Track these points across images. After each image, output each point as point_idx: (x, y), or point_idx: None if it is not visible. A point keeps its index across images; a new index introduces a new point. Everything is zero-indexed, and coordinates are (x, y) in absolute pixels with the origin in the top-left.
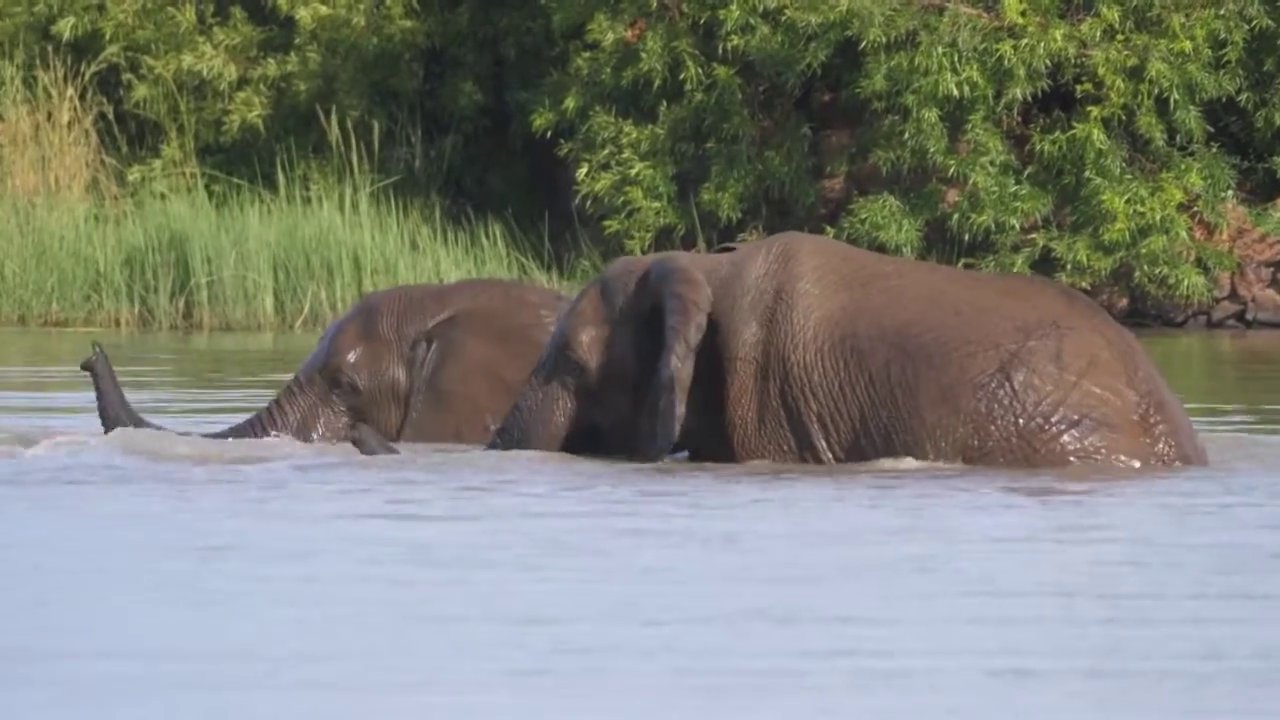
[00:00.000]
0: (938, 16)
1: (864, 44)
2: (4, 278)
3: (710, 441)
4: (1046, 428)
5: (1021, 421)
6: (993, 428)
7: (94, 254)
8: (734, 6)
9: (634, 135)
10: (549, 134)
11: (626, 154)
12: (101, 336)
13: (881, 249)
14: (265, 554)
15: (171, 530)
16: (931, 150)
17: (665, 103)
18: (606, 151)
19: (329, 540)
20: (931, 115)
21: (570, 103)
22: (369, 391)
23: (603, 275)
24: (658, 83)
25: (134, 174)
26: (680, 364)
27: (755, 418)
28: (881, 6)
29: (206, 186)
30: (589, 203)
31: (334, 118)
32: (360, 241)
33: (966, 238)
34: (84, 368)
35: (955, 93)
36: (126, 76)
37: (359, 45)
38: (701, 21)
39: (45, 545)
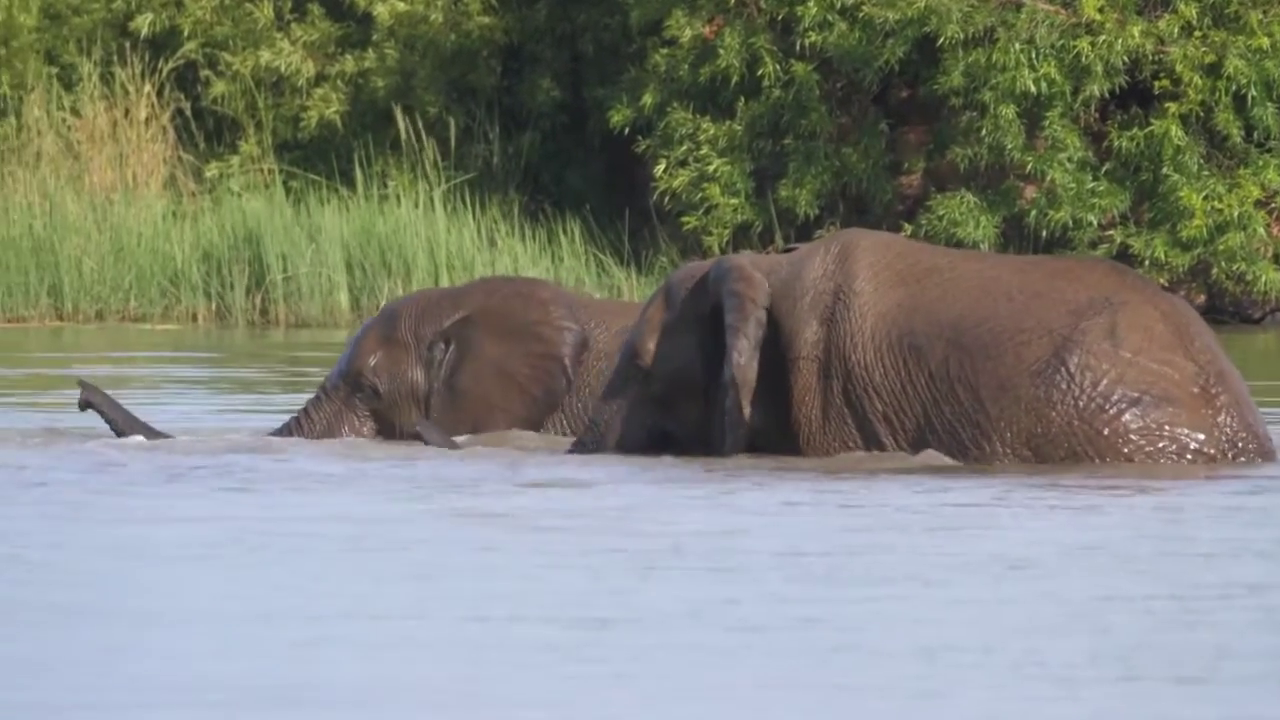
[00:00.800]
0: (1015, 13)
1: (942, 40)
2: (82, 274)
3: (777, 441)
4: (1107, 408)
5: (1082, 404)
6: (1054, 413)
7: (171, 250)
8: (812, 3)
9: (712, 132)
10: (627, 130)
11: (704, 150)
12: (178, 333)
13: (959, 246)
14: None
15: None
16: (1009, 147)
17: (743, 99)
18: (684, 148)
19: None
20: (1009, 111)
21: (648, 99)
22: (389, 394)
23: (666, 282)
24: (735, 79)
25: (211, 170)
26: (742, 361)
27: (820, 416)
28: (959, 3)
29: (284, 183)
30: (667, 199)
31: (411, 114)
32: (436, 238)
33: (1044, 234)
34: (83, 408)
35: (1033, 89)
36: (204, 73)
37: (437, 41)
38: (779, 18)
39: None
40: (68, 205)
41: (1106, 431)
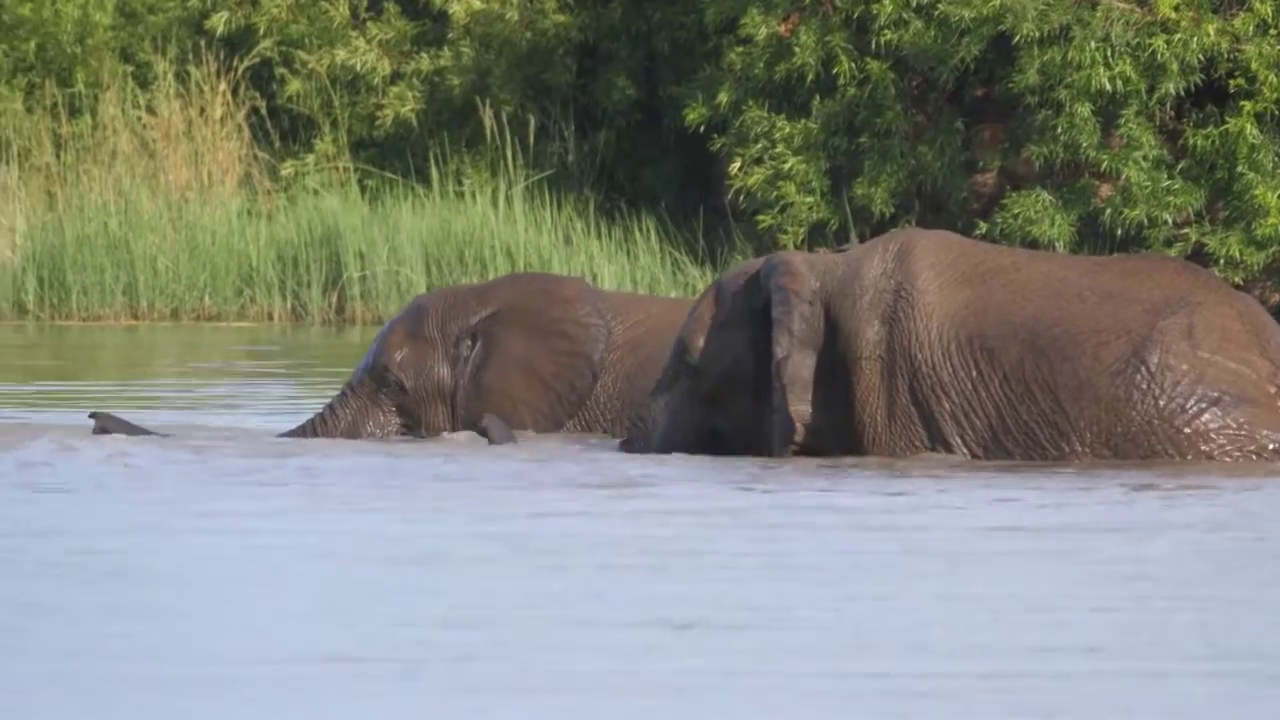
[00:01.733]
0: (1091, 11)
1: (1017, 38)
2: (157, 272)
3: (839, 441)
4: (1187, 407)
5: (1162, 403)
6: (1134, 413)
7: (246, 249)
8: (887, 1)
9: (787, 130)
10: (702, 128)
11: (779, 149)
12: (254, 332)
13: (1034, 244)
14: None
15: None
16: (1084, 145)
17: (818, 97)
18: (759, 146)
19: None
20: (1084, 110)
21: (723, 97)
22: (415, 390)
23: (717, 280)
24: (811, 77)
25: (287, 169)
26: (785, 353)
27: (885, 415)
28: (1035, 1)
29: (359, 181)
30: (742, 197)
31: (487, 112)
32: (513, 236)
33: (1119, 233)
34: (97, 434)
35: (1108, 87)
36: (279, 71)
37: (512, 40)
38: (855, 16)
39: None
40: (143, 203)
41: (1187, 430)
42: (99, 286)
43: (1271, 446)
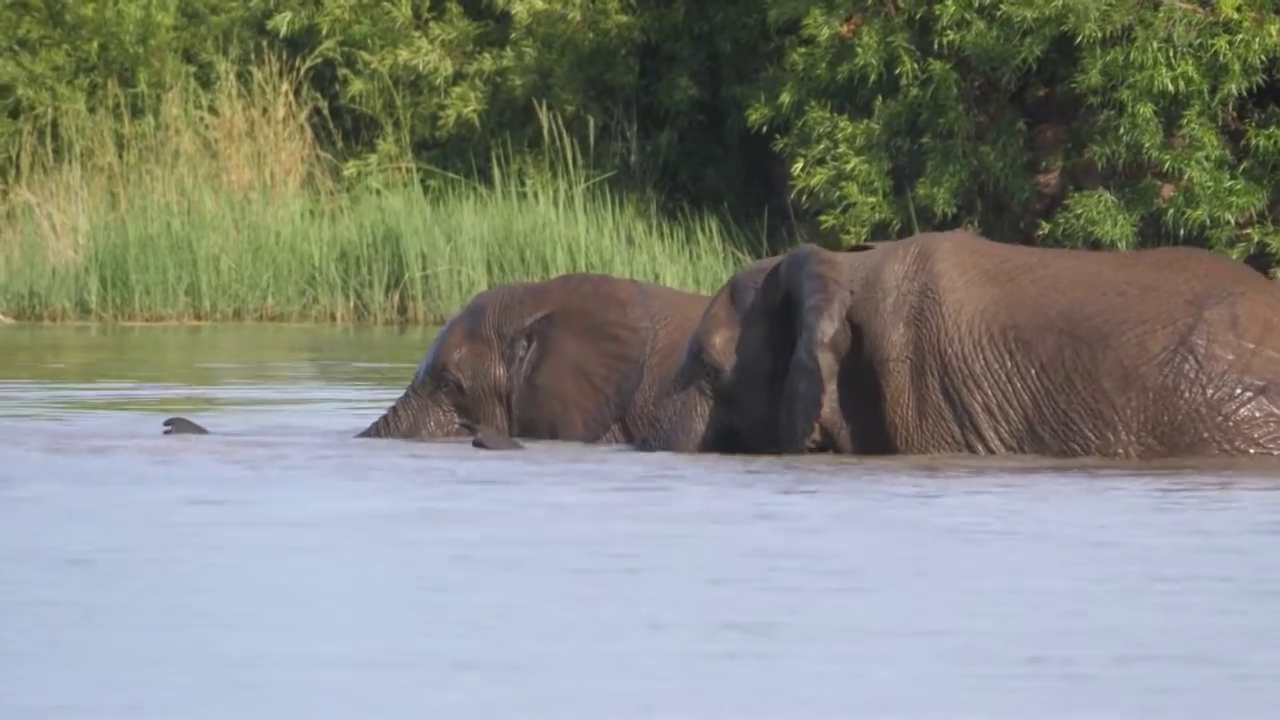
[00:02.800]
0: (1153, 11)
1: (1079, 39)
2: (220, 272)
3: (867, 445)
4: (1235, 395)
5: (1210, 392)
6: (1181, 401)
7: (309, 249)
8: (950, 1)
9: (849, 130)
10: (765, 129)
11: (842, 149)
12: (316, 331)
13: (1096, 244)
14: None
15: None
16: (1146, 145)
17: (880, 97)
18: (822, 146)
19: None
20: (1147, 110)
21: (786, 97)
22: (473, 390)
23: (732, 278)
24: (873, 77)
25: (349, 169)
26: (827, 337)
27: (916, 415)
28: (1097, 2)
29: (422, 181)
30: (804, 198)
31: (545, 113)
32: (575, 236)
33: (1181, 233)
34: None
35: (1170, 88)
36: (342, 71)
37: (575, 40)
38: (917, 16)
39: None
40: (205, 204)
41: (1234, 420)
42: (162, 287)
43: None
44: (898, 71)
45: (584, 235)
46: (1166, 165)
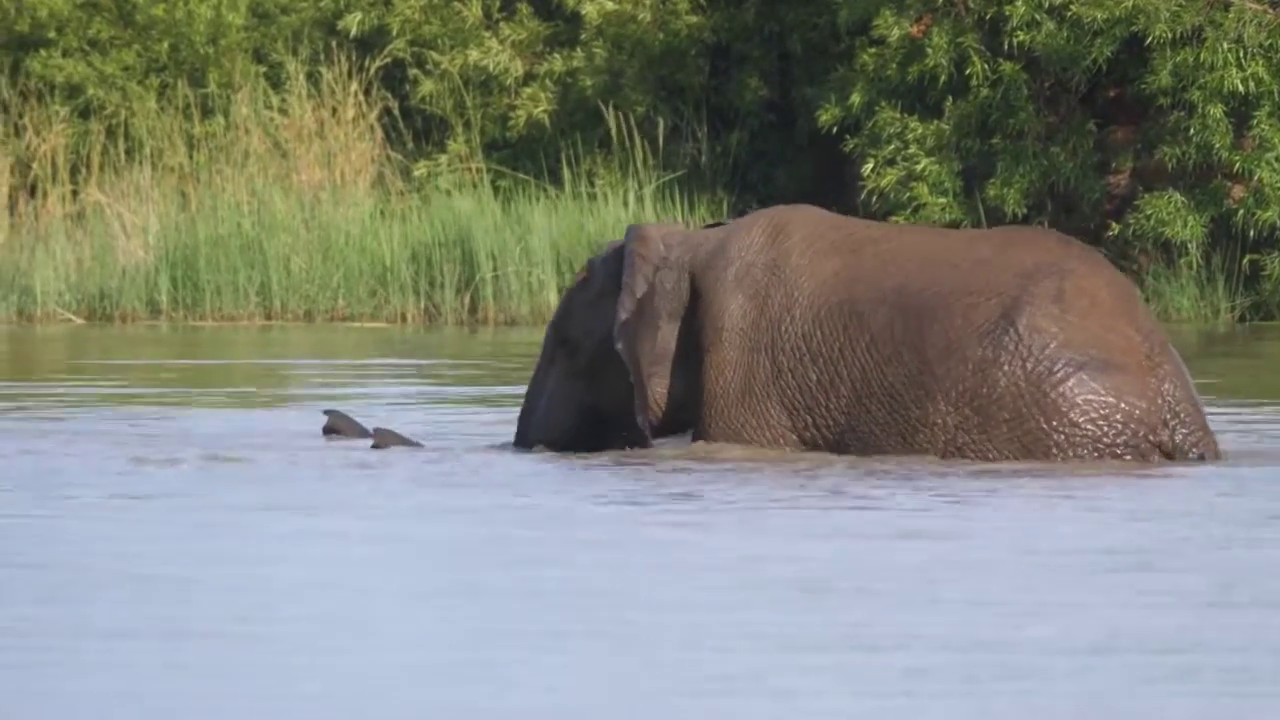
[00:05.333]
0: (1223, 12)
1: (1150, 40)
2: (290, 273)
3: (695, 410)
4: (1054, 370)
5: (1029, 365)
6: (1000, 374)
7: (380, 249)
8: (1020, 2)
9: (920, 131)
10: (835, 129)
11: (912, 149)
12: (387, 332)
13: (1167, 246)
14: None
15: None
16: (1216, 146)
17: (951, 98)
18: (892, 147)
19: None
20: (1217, 111)
21: (856, 98)
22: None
23: (590, 258)
24: (943, 78)
25: (420, 170)
26: (626, 315)
27: (739, 389)
28: (1168, 2)
29: (492, 182)
30: (875, 198)
31: (620, 113)
32: None
33: (1251, 234)
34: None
35: (1240, 88)
36: (412, 72)
37: (645, 41)
38: (987, 17)
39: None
40: (276, 204)
41: (1053, 394)
42: (232, 287)
43: (1137, 413)
44: (968, 72)
45: None
46: (1236, 166)
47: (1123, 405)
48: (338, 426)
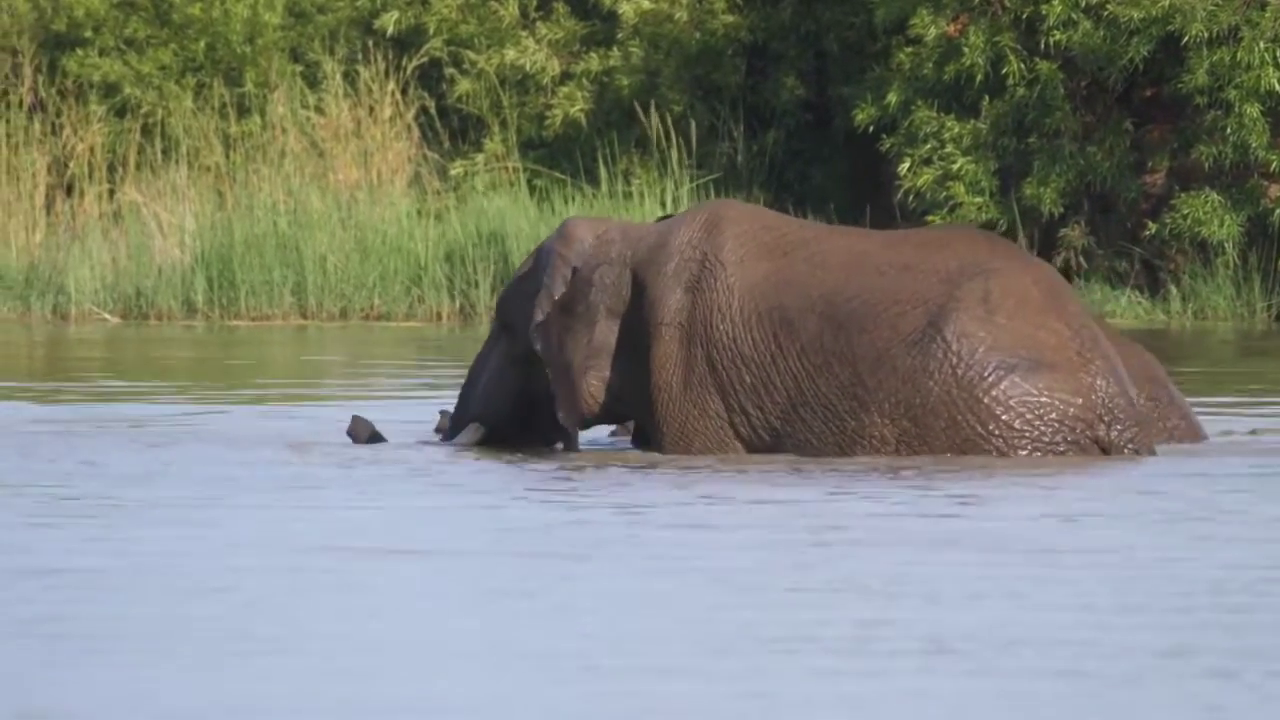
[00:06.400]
0: (1259, 11)
1: (1186, 39)
2: (326, 272)
3: (638, 407)
4: (985, 375)
5: (960, 371)
6: (931, 382)
7: (415, 249)
8: (1056, 2)
9: (956, 130)
10: (871, 129)
11: (949, 149)
12: (422, 331)
13: (1203, 245)
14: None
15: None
16: (1253, 145)
17: (987, 97)
18: (929, 146)
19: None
20: (1254, 110)
21: (892, 98)
22: None
23: (540, 244)
24: (980, 78)
25: (456, 169)
26: (542, 316)
27: (681, 382)
28: (1204, 2)
29: (528, 181)
30: (911, 198)
31: (656, 112)
32: None
33: None
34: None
35: (1278, 88)
36: (449, 71)
37: (681, 40)
38: (1024, 16)
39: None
40: (312, 203)
41: (986, 399)
42: (268, 286)
43: (1071, 411)
44: (1004, 71)
45: None
46: (1273, 165)
47: (1057, 404)
48: (359, 433)
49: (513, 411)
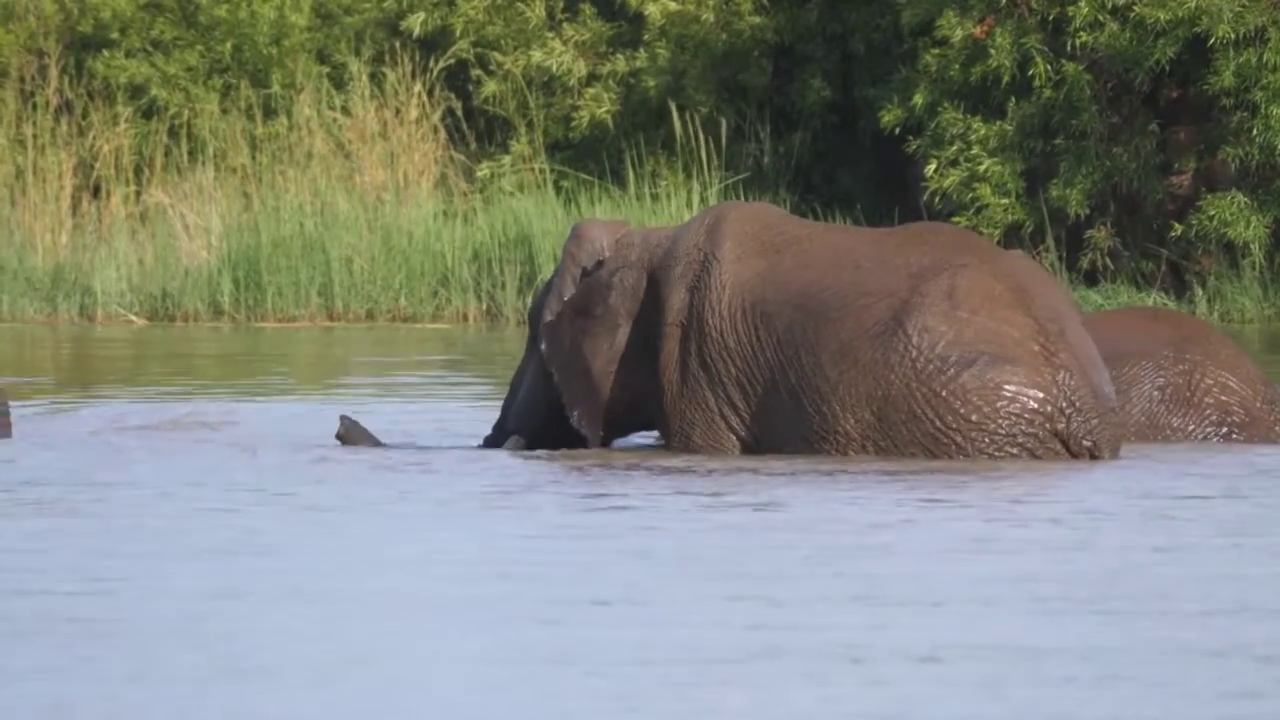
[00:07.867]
0: None
1: (1212, 40)
2: (352, 273)
3: (653, 406)
4: (945, 369)
5: (920, 365)
6: (893, 375)
7: (442, 250)
8: (1083, 3)
9: (982, 131)
10: (898, 130)
11: (975, 150)
12: (448, 332)
13: (1229, 246)
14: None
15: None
16: (1279, 147)
17: (1014, 99)
18: (955, 148)
19: None
20: None
21: (919, 99)
22: None
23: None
24: (1006, 79)
25: (483, 170)
26: (551, 317)
27: (679, 379)
28: (1231, 3)
29: (555, 183)
30: (937, 199)
31: (683, 114)
32: None
33: None
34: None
35: None
36: (475, 72)
37: (708, 41)
38: (1050, 18)
39: None
40: (338, 205)
41: (944, 393)
42: (294, 287)
43: (1032, 405)
44: (1031, 73)
45: None
46: None
47: (1018, 398)
48: (351, 436)
49: (546, 424)
